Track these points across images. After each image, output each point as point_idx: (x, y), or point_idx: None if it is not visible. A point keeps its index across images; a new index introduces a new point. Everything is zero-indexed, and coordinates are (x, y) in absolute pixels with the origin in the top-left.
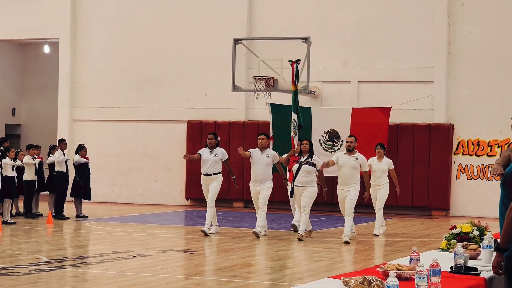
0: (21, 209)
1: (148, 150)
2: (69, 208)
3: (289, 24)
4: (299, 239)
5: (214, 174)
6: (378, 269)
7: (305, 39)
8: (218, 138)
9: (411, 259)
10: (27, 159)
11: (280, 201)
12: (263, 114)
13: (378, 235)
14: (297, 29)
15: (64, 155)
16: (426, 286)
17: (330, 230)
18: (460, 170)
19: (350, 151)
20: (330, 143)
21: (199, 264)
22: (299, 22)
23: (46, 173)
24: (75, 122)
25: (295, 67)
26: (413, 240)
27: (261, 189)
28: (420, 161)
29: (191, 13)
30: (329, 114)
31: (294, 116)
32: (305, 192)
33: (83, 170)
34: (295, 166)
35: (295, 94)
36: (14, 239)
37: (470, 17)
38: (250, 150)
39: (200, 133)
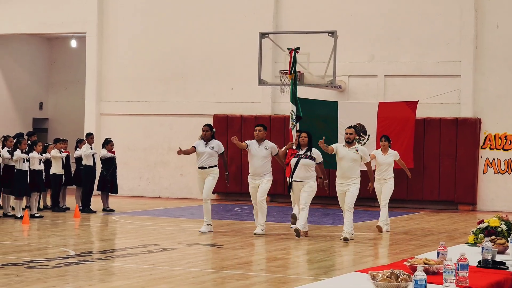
0: (49, 203)
1: (175, 144)
2: (96, 202)
3: (315, 17)
4: (296, 233)
5: (209, 167)
6: (405, 263)
7: (332, 33)
8: (214, 129)
9: (438, 253)
10: (54, 152)
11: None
12: (289, 108)
13: (382, 230)
14: (323, 23)
15: (91, 149)
16: (454, 281)
17: (356, 224)
18: (487, 165)
19: (349, 143)
20: (357, 137)
21: (226, 258)
22: (325, 16)
23: (73, 167)
24: (102, 116)
25: (293, 55)
26: (439, 234)
27: (260, 183)
28: (447, 156)
29: (217, 7)
30: (356, 108)
31: (292, 107)
32: (304, 188)
33: (109, 164)
34: (293, 160)
35: (293, 83)
36: (42, 233)
37: (497, 11)
38: (247, 141)
39: (226, 127)
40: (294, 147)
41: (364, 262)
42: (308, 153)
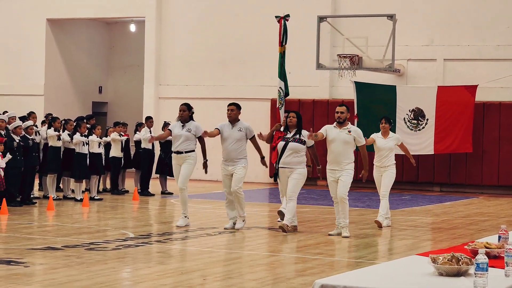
0: (108, 186)
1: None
2: (154, 185)
3: (374, 1)
4: (282, 229)
5: (186, 152)
6: (466, 247)
7: (391, 17)
8: (193, 109)
9: (499, 237)
10: (114, 135)
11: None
12: (348, 93)
13: (381, 226)
14: (382, 6)
15: (150, 133)
16: None
17: (415, 209)
18: None
19: (340, 123)
20: (415, 121)
21: (284, 241)
22: None
23: (132, 150)
24: (160, 100)
25: (282, 24)
26: (499, 219)
27: (234, 170)
28: (506, 140)
29: None
30: (414, 93)
31: (280, 84)
32: (292, 175)
33: (168, 147)
34: (280, 144)
35: (282, 57)
36: (101, 215)
37: None
38: (218, 126)
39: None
40: (281, 129)
41: (423, 247)
42: (297, 136)
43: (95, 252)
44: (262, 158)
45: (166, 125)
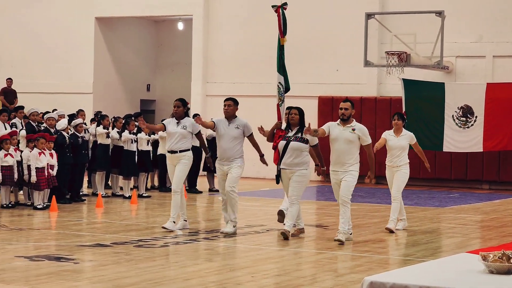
0: (156, 183)
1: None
2: (202, 183)
3: None
4: (284, 236)
5: (181, 151)
6: None
7: (439, 13)
8: (189, 105)
9: None
10: (162, 133)
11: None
12: (396, 90)
13: (393, 231)
14: (430, 3)
15: None
16: None
17: (464, 206)
18: None
19: (344, 120)
20: (464, 119)
21: (332, 238)
22: None
23: None
24: (207, 98)
25: (280, 13)
26: None
27: (229, 170)
28: None
29: None
30: (463, 90)
31: (279, 78)
32: (294, 177)
33: (215, 145)
34: (281, 143)
35: (281, 49)
36: (150, 212)
37: None
38: (215, 119)
39: (332, 109)
40: (282, 127)
41: (472, 245)
42: (299, 134)
43: (144, 249)
44: (262, 156)
45: None
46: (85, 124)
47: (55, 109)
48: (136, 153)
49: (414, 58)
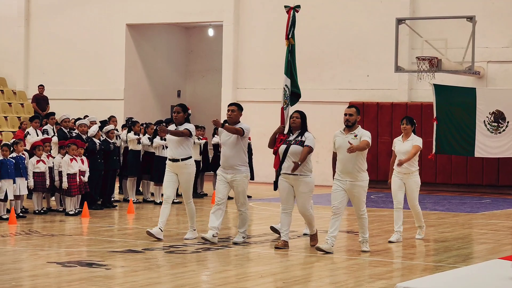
0: None
1: (310, 131)
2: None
3: (453, 2)
4: (278, 247)
5: (182, 159)
6: None
7: (470, 18)
8: (189, 110)
9: None
10: (193, 139)
11: (442, 183)
12: (427, 95)
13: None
14: (461, 8)
15: None
16: None
17: (496, 212)
18: None
19: (349, 127)
20: (495, 124)
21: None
22: (463, 1)
23: (210, 154)
24: None
25: (291, 15)
26: None
27: (233, 180)
28: None
29: None
30: (495, 95)
31: (286, 81)
32: (299, 188)
33: (249, 151)
34: (282, 147)
35: (289, 51)
36: (181, 218)
37: None
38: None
39: (362, 115)
40: (285, 131)
41: (504, 251)
42: (300, 137)
43: (175, 255)
44: (217, 121)
45: None
46: (116, 130)
47: (87, 116)
48: (167, 159)
49: (445, 64)
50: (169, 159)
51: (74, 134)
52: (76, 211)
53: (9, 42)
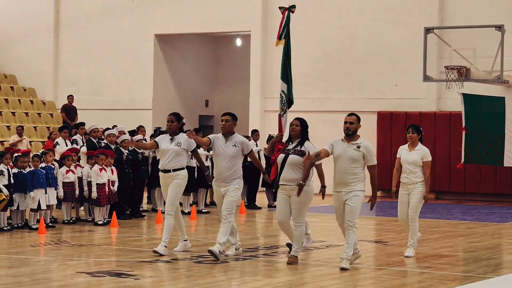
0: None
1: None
2: (261, 198)
3: (482, 11)
4: (290, 263)
5: (174, 170)
6: None
7: (499, 27)
8: (183, 120)
9: None
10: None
11: (471, 192)
12: (455, 105)
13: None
14: (490, 17)
15: (257, 146)
16: None
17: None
18: None
19: (349, 135)
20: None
21: (391, 254)
22: (492, 10)
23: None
24: (266, 113)
25: (285, 16)
26: None
27: (226, 192)
28: None
29: (382, 2)
30: None
31: (282, 86)
32: (294, 196)
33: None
34: (280, 157)
35: (285, 53)
36: (209, 228)
37: None
38: (211, 136)
39: (391, 124)
40: (283, 140)
41: None
42: (299, 147)
43: (204, 265)
44: (264, 173)
45: (270, 138)
46: (145, 140)
47: (115, 125)
48: (196, 169)
49: (474, 73)
50: (161, 170)
51: (103, 144)
52: (105, 221)
53: (39, 53)
